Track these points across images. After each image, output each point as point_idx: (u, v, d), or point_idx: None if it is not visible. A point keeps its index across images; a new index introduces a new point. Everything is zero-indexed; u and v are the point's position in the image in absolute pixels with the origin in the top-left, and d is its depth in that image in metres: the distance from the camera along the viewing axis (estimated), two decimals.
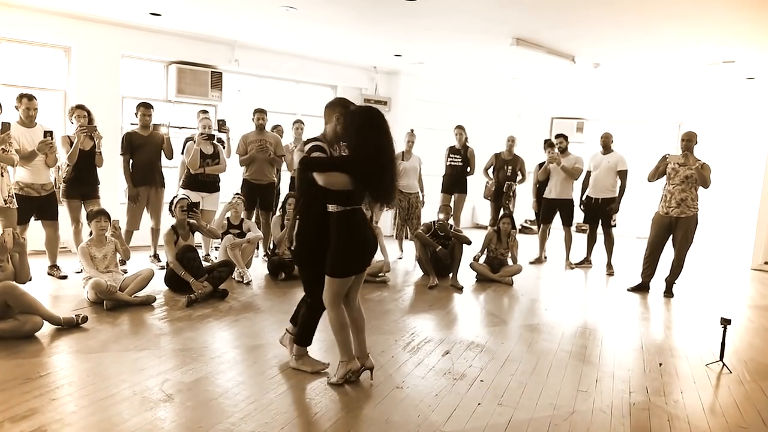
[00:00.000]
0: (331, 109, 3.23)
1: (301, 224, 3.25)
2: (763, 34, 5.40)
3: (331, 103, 3.27)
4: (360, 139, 3.05)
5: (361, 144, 3.05)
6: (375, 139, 3.06)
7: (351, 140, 3.10)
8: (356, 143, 3.07)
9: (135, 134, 5.95)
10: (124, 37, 6.62)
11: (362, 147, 3.04)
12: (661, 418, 3.19)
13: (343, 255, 3.14)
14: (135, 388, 3.15)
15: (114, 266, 4.90)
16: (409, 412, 3.08)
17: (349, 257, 3.16)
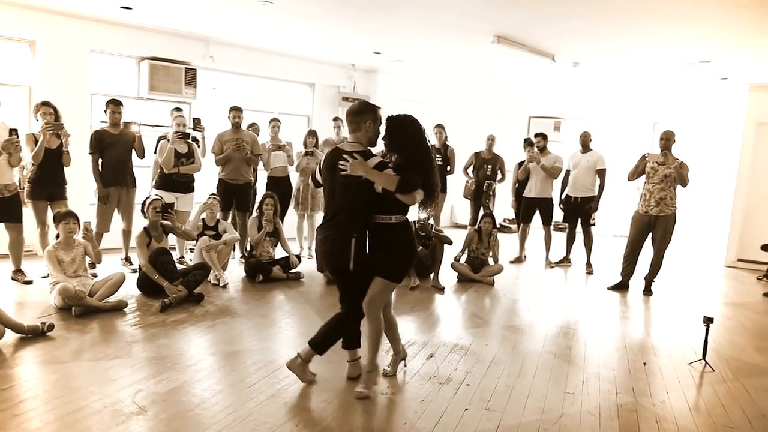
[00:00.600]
0: (360, 116, 3.15)
1: (356, 234, 3.11)
2: (737, 34, 5.45)
3: (359, 110, 3.17)
4: (420, 147, 3.13)
5: (421, 151, 3.13)
6: (427, 145, 3.18)
7: (410, 149, 3.12)
8: (417, 152, 3.12)
9: (104, 132, 5.71)
10: (92, 31, 6.36)
11: (423, 154, 3.13)
12: (650, 420, 3.16)
13: (407, 261, 3.25)
14: (105, 400, 2.97)
15: (83, 270, 4.68)
16: (395, 419, 2.99)
17: (410, 263, 3.29)
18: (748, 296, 6.53)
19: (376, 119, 3.16)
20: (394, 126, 3.16)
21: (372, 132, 3.16)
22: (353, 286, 3.22)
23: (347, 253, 3.09)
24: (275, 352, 3.88)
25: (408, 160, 3.10)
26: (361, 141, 3.16)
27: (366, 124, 3.14)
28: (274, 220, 5.98)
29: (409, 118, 3.19)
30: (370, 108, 3.18)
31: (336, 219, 3.15)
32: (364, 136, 3.15)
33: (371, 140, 3.18)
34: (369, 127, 3.14)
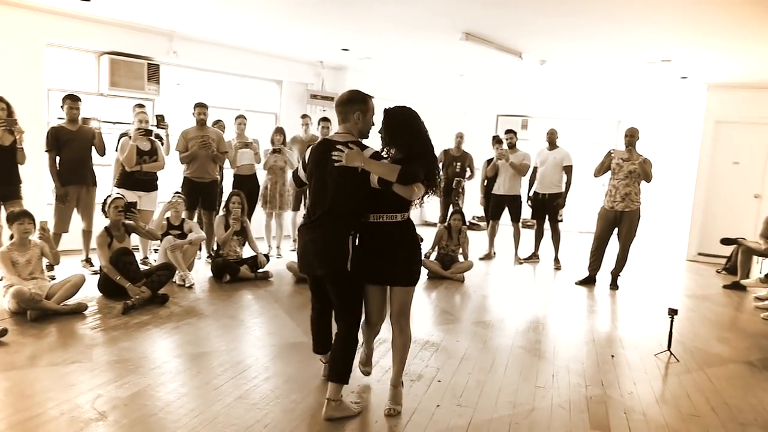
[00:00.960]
0: (347, 106, 2.89)
1: (352, 232, 2.82)
2: (697, 34, 5.58)
3: (347, 99, 2.90)
4: (421, 140, 2.90)
5: (423, 144, 2.91)
6: (428, 137, 2.96)
7: (410, 143, 2.88)
8: (418, 145, 2.89)
9: (62, 129, 5.49)
10: (48, 23, 6.10)
11: (425, 146, 2.91)
12: (618, 411, 3.19)
13: (420, 260, 3.07)
14: (63, 407, 2.84)
15: (39, 272, 4.49)
16: (366, 418, 2.94)
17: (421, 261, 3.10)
18: (709, 289, 6.71)
19: (367, 110, 2.90)
20: (392, 119, 2.91)
21: (362, 124, 2.90)
22: (347, 292, 2.87)
23: (344, 253, 2.77)
24: (243, 353, 3.78)
25: (408, 154, 2.85)
26: (351, 132, 2.90)
27: (354, 116, 2.88)
28: (242, 218, 5.86)
29: (407, 110, 2.95)
30: (359, 97, 2.90)
31: (327, 217, 2.80)
32: (354, 128, 2.89)
33: (362, 132, 2.93)
34: (358, 118, 2.88)
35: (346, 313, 2.89)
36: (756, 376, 3.91)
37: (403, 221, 2.91)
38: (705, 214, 8.58)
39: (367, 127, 2.94)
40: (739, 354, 4.35)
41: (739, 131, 8.40)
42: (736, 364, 4.12)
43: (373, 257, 2.85)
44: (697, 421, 3.12)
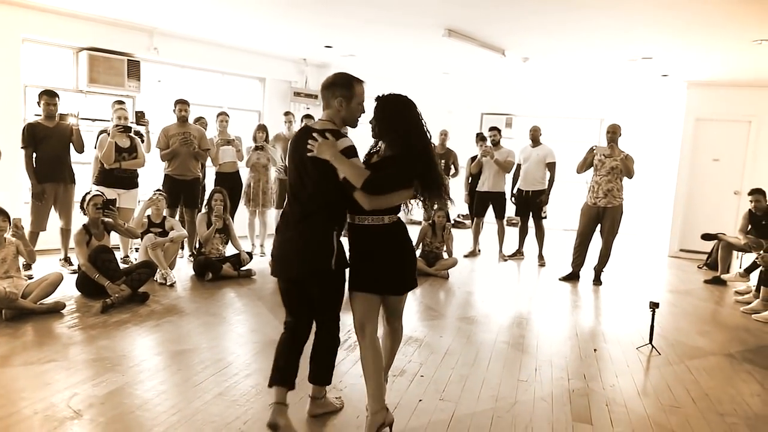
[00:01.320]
0: (329, 90, 2.56)
1: (336, 228, 2.58)
2: (677, 31, 5.63)
3: (330, 83, 2.58)
4: (414, 135, 2.56)
5: (417, 140, 2.56)
6: (425, 133, 2.62)
7: (401, 138, 2.54)
8: (411, 141, 2.54)
9: (39, 125, 5.39)
10: (24, 18, 5.98)
11: (419, 144, 2.56)
12: (600, 403, 3.20)
13: (415, 265, 2.76)
14: (36, 406, 2.78)
15: (15, 271, 4.39)
16: (348, 413, 2.91)
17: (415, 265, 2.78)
18: (690, 284, 6.78)
19: (353, 96, 2.55)
20: (384, 108, 2.58)
21: (346, 112, 2.56)
22: (331, 293, 2.62)
23: (326, 250, 2.49)
24: (225, 350, 3.74)
25: (397, 151, 2.54)
26: (333, 120, 2.57)
27: (336, 102, 2.54)
28: (224, 216, 5.80)
29: (402, 98, 2.62)
30: (343, 81, 2.56)
31: (306, 213, 2.52)
32: (336, 116, 2.56)
33: (345, 121, 2.59)
34: (341, 105, 2.54)
35: (331, 314, 2.67)
36: (735, 367, 3.95)
37: (390, 224, 2.58)
38: (686, 211, 8.68)
39: (352, 115, 2.59)
40: (719, 347, 4.39)
41: (719, 128, 8.51)
42: (716, 356, 4.16)
43: (359, 262, 2.59)
44: (677, 412, 3.14)
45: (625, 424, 2.96)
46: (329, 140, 2.45)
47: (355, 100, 2.57)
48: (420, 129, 2.59)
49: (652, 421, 3.02)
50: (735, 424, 3.03)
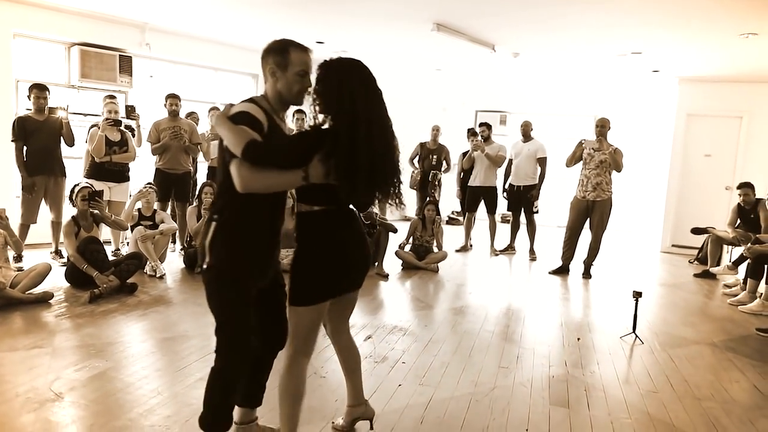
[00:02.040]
0: (263, 60, 2.11)
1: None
2: (666, 26, 5.66)
3: (263, 51, 2.13)
4: (351, 109, 2.05)
5: (353, 116, 2.05)
6: (370, 106, 2.11)
7: (336, 110, 2.08)
8: (347, 116, 2.05)
9: (29, 119, 5.42)
10: (15, 13, 6.02)
11: (354, 120, 2.04)
12: (579, 389, 3.23)
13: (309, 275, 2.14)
14: (18, 389, 2.81)
15: (3, 261, 4.42)
16: (327, 396, 2.94)
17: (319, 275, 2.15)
18: (680, 278, 6.81)
19: (287, 63, 2.06)
20: (327, 76, 2.11)
21: (282, 84, 2.07)
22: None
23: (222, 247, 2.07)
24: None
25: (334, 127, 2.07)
26: (267, 95, 2.12)
27: (269, 72, 2.09)
28: None
29: (346, 62, 2.14)
30: (277, 47, 2.09)
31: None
32: (271, 89, 2.10)
33: (282, 95, 2.09)
34: (274, 76, 2.08)
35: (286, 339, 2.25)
36: (717, 356, 3.98)
37: (301, 212, 2.15)
38: (678, 206, 8.70)
39: (289, 89, 2.08)
40: (702, 336, 4.42)
41: (710, 124, 8.54)
42: (699, 345, 4.19)
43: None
44: (654, 397, 3.17)
45: (602, 408, 2.99)
46: (220, 112, 2.05)
47: (292, 69, 2.06)
48: (357, 101, 2.06)
49: (629, 404, 3.05)
50: (711, 408, 3.06)
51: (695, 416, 2.95)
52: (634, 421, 2.85)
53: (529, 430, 2.70)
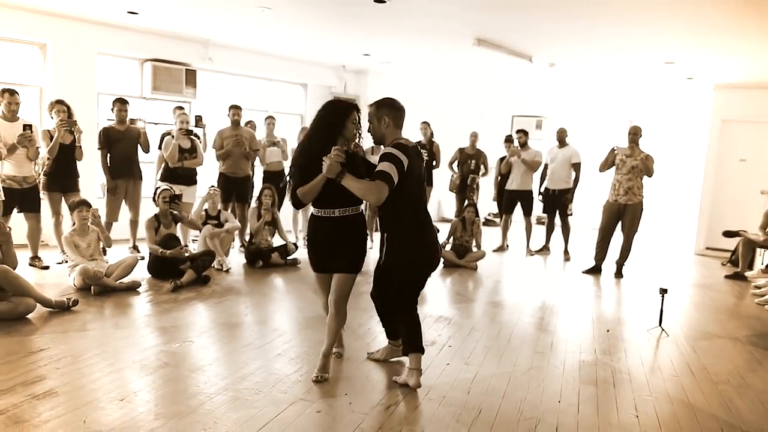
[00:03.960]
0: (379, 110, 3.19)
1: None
2: (698, 36, 5.96)
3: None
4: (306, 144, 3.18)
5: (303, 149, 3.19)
6: (318, 138, 3.09)
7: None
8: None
9: (112, 129, 6.13)
10: (99, 34, 6.77)
11: (301, 153, 3.18)
12: (606, 372, 3.64)
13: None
14: (134, 357, 3.41)
15: (98, 254, 5.10)
16: (385, 372, 3.44)
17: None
18: (711, 279, 7.07)
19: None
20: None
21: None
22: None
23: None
24: (276, 323, 4.33)
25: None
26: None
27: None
28: (272, 210, 6.42)
29: (325, 105, 3.16)
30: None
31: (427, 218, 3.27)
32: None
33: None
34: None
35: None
36: (738, 348, 4.32)
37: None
38: (712, 210, 8.90)
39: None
40: (727, 331, 4.75)
41: (745, 129, 8.72)
42: (722, 339, 4.53)
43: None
44: (674, 380, 3.56)
45: (626, 387, 3.40)
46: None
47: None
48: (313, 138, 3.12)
49: (651, 385, 3.45)
50: (726, 391, 3.43)
51: (711, 397, 3.33)
52: (654, 399, 3.25)
53: (561, 401, 3.14)
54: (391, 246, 3.18)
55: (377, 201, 2.95)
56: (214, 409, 2.81)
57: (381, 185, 2.92)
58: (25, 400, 2.77)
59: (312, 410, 2.87)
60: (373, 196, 2.93)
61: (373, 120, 3.17)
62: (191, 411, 2.78)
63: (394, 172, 2.95)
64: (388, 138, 3.16)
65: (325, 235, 3.14)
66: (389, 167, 2.95)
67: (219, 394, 2.98)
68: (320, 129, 3.08)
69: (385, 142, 3.17)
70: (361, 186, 2.96)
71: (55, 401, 2.78)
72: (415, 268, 3.22)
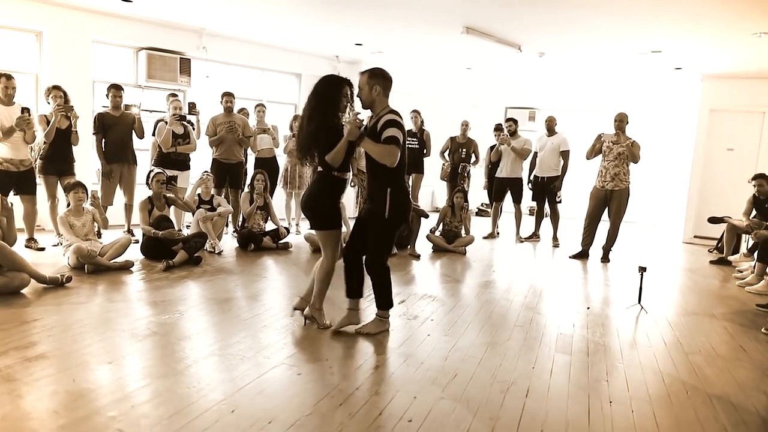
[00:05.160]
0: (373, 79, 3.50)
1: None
2: (684, 24, 6.05)
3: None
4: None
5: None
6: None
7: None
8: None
9: (107, 115, 6.24)
10: (94, 22, 6.87)
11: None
12: (582, 343, 3.77)
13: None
14: (124, 327, 3.53)
15: (93, 235, 5.22)
16: (372, 339, 3.57)
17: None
18: (697, 264, 7.20)
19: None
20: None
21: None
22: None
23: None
24: (266, 298, 4.45)
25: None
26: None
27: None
28: (264, 194, 6.54)
29: (322, 79, 3.54)
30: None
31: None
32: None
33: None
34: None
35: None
36: (713, 324, 4.44)
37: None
38: (700, 199, 9.02)
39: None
40: (704, 309, 4.88)
41: (733, 119, 8.84)
42: (699, 315, 4.66)
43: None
44: (647, 350, 3.68)
45: (600, 356, 3.52)
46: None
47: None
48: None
49: (623, 355, 3.58)
50: (696, 360, 3.55)
51: (680, 365, 3.46)
52: (625, 367, 3.38)
53: (534, 368, 3.27)
54: (396, 198, 3.48)
55: (393, 163, 3.34)
56: (198, 371, 2.94)
57: (395, 149, 3.33)
58: (17, 362, 2.89)
59: (293, 373, 2.99)
60: (391, 159, 3.33)
61: (365, 87, 3.47)
62: (177, 373, 2.90)
63: (400, 136, 3.37)
64: (377, 105, 3.48)
65: (340, 193, 3.58)
66: (397, 132, 3.35)
67: (205, 359, 3.10)
68: (321, 101, 3.43)
69: (374, 108, 3.49)
70: (380, 149, 3.34)
71: (46, 363, 2.91)
72: (408, 215, 3.70)
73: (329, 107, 3.42)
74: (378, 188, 3.50)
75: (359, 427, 2.43)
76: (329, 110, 3.42)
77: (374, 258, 3.57)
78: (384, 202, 3.46)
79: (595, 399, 2.87)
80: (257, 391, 2.73)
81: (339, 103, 3.45)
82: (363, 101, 3.53)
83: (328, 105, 3.42)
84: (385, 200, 3.46)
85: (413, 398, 2.74)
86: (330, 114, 3.41)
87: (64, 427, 2.28)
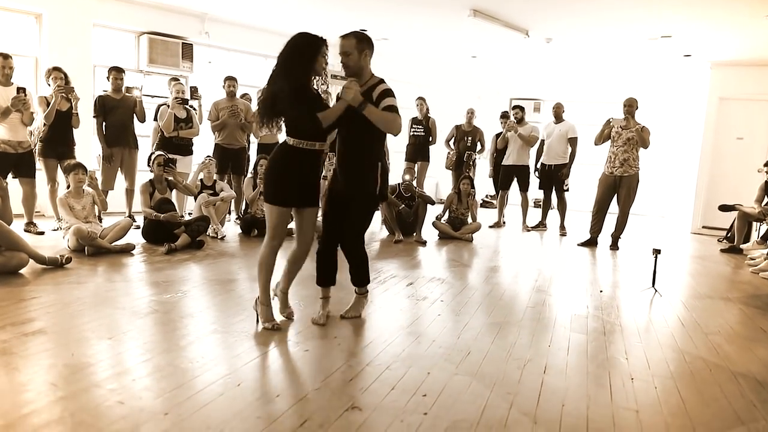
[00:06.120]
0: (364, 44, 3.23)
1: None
2: (693, 8, 5.94)
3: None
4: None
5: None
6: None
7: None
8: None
9: (108, 97, 6.12)
10: (95, 5, 6.75)
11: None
12: (598, 323, 3.65)
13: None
14: (125, 305, 3.42)
15: (93, 217, 5.10)
16: (380, 319, 3.46)
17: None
18: (707, 252, 7.08)
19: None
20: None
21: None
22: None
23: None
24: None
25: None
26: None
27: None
28: None
29: (296, 36, 3.17)
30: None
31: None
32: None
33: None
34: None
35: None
36: (728, 306, 4.33)
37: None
38: (709, 188, 8.90)
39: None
40: (718, 293, 4.76)
41: (742, 107, 8.71)
42: (714, 299, 4.54)
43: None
44: (665, 330, 3.57)
45: (617, 336, 3.41)
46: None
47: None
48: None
49: (639, 333, 3.46)
50: (715, 339, 3.44)
51: (700, 344, 3.34)
52: (645, 345, 3.26)
53: (551, 346, 3.15)
54: (385, 173, 3.32)
55: (397, 131, 3.15)
56: (201, 347, 2.83)
57: (398, 117, 3.12)
58: (14, 337, 2.78)
59: (299, 349, 2.88)
60: (395, 126, 3.10)
61: (354, 52, 3.17)
62: (179, 348, 2.79)
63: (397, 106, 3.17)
64: (365, 72, 3.23)
65: (299, 166, 3.06)
66: (395, 102, 3.15)
67: (207, 336, 2.99)
68: (294, 61, 2.99)
69: (362, 75, 3.21)
70: (384, 116, 3.07)
71: (44, 338, 2.80)
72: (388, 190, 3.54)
73: (302, 67, 2.97)
74: (367, 164, 3.21)
75: (371, 401, 2.32)
76: (302, 70, 2.97)
77: (358, 237, 3.33)
78: (375, 177, 3.23)
79: (616, 376, 2.75)
80: (263, 366, 2.62)
81: (314, 63, 3.01)
82: (350, 67, 3.18)
83: (301, 64, 2.96)
84: (376, 176, 3.23)
85: (427, 374, 2.63)
86: (302, 74, 2.98)
87: (63, 398, 2.17)
